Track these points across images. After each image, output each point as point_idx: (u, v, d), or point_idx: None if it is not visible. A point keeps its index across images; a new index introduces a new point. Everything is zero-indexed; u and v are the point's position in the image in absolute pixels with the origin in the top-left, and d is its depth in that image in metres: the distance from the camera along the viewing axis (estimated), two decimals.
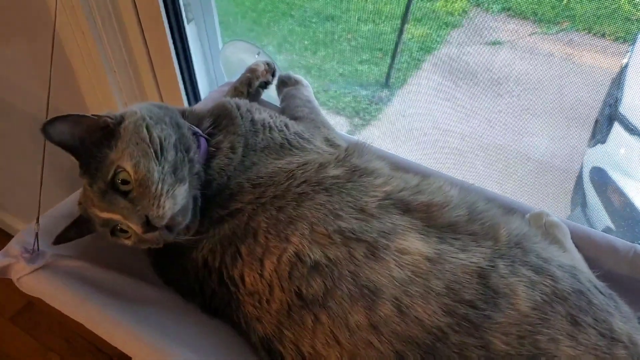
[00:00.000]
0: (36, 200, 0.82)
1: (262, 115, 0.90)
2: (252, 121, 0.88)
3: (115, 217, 0.73)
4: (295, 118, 1.01)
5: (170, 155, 0.75)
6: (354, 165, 0.83)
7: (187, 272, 0.81)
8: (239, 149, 0.84)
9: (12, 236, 0.81)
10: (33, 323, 2.04)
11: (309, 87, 1.15)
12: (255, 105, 0.94)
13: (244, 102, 0.92)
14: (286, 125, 0.91)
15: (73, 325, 1.99)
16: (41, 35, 1.29)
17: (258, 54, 1.23)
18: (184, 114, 0.88)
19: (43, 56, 1.34)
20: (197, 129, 0.85)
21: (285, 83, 1.14)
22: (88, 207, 0.76)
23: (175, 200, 0.73)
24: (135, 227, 0.72)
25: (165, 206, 0.71)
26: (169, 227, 0.75)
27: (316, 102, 1.11)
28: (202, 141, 0.84)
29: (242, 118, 0.87)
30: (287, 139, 0.87)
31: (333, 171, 0.81)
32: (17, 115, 1.65)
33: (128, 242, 0.77)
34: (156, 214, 0.71)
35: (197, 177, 0.80)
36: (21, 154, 1.83)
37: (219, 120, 0.88)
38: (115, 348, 0.72)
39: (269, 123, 0.89)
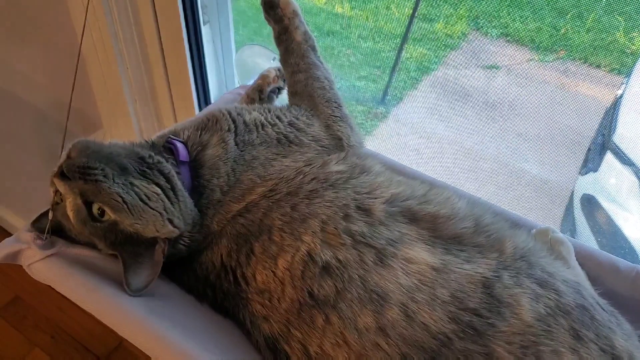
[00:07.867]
0: (34, 195, 0.83)
1: (252, 114, 0.90)
2: (245, 123, 0.89)
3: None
4: (293, 92, 0.99)
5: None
6: (355, 163, 0.85)
7: (198, 277, 0.81)
8: (230, 141, 0.85)
9: (6, 230, 0.81)
10: (19, 317, 2.01)
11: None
12: (245, 107, 0.94)
13: (234, 108, 0.93)
14: (278, 118, 0.91)
15: (60, 322, 2.00)
16: (54, 26, 1.28)
17: (273, 59, 1.22)
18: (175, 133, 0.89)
19: (53, 48, 1.34)
20: (170, 137, 0.85)
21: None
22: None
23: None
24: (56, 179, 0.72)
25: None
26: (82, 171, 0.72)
27: (319, 61, 1.00)
28: (176, 144, 0.84)
29: (234, 122, 0.88)
30: (282, 133, 0.88)
31: (336, 167, 0.83)
32: (20, 107, 1.65)
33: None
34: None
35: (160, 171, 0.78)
36: (20, 147, 1.83)
37: (207, 124, 0.89)
38: (102, 347, 0.72)
39: (260, 121, 0.89)
